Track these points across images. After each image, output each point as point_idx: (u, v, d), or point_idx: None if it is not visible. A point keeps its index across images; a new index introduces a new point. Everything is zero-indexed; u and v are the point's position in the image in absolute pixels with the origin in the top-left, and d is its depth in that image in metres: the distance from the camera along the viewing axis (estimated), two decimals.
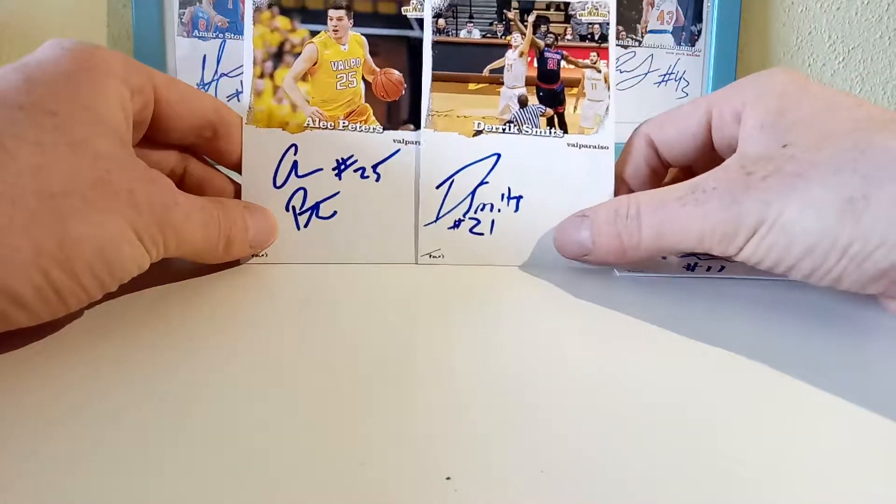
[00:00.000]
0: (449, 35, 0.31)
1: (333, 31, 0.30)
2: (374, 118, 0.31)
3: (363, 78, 0.31)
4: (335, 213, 0.30)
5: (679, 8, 0.62)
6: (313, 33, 0.30)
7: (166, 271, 0.28)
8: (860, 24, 0.68)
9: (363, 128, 0.30)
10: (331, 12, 0.30)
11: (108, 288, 0.22)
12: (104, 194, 0.21)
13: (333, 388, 0.19)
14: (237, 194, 0.30)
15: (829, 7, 0.67)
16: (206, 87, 0.49)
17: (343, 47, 0.30)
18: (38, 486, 0.15)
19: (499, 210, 0.31)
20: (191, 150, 0.29)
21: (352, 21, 0.30)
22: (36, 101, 0.21)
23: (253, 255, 0.30)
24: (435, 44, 0.31)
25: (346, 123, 0.30)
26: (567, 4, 0.31)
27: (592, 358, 0.22)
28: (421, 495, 0.15)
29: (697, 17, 0.62)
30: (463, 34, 0.31)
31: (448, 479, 0.15)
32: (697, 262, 0.31)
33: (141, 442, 0.16)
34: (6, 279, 0.19)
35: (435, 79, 0.30)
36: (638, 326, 0.25)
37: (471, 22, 0.31)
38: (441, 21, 0.30)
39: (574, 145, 0.31)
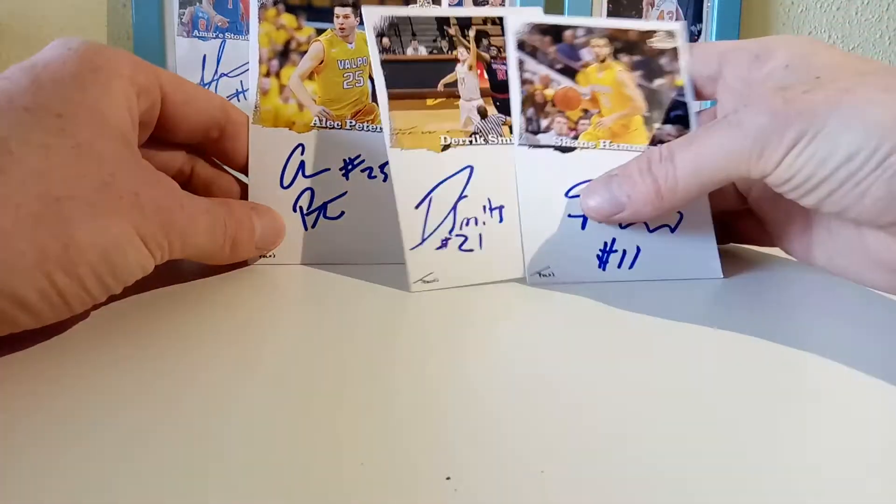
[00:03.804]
0: (395, 52, 0.29)
1: (340, 29, 0.30)
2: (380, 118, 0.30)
3: (370, 77, 0.30)
4: (343, 213, 0.30)
5: (679, 8, 0.62)
6: (319, 31, 0.30)
7: (173, 272, 0.28)
8: (860, 24, 0.68)
9: (370, 127, 0.30)
10: (337, 10, 0.30)
11: (112, 290, 0.22)
12: (109, 198, 0.21)
13: (335, 387, 0.19)
14: (244, 196, 0.30)
15: (829, 7, 0.67)
16: (207, 87, 0.49)
17: (350, 45, 0.30)
18: (41, 486, 0.15)
19: (484, 223, 0.29)
20: (197, 151, 0.29)
21: (358, 19, 0.30)
22: (42, 103, 0.21)
23: (260, 256, 0.29)
24: (384, 63, 0.29)
25: (353, 123, 0.30)
26: (501, 18, 0.30)
27: (592, 359, 0.22)
28: (421, 495, 0.15)
29: (697, 17, 0.62)
30: (409, 52, 0.30)
31: (448, 479, 0.15)
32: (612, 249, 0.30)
33: (144, 442, 0.16)
34: (10, 283, 0.19)
35: (392, 97, 0.29)
36: (638, 330, 0.25)
37: (415, 39, 0.30)
38: (385, 40, 0.29)
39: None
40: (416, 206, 0.28)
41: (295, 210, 0.30)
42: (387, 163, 0.30)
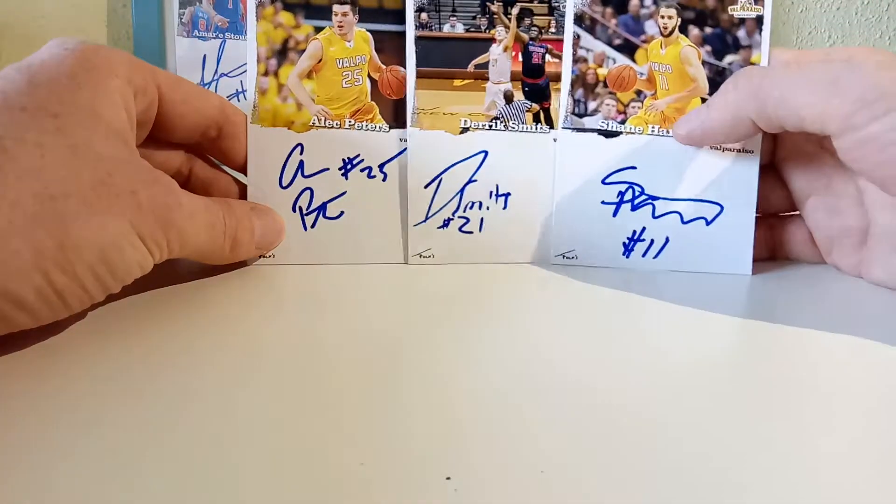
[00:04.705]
0: (432, 29, 0.30)
1: (338, 27, 0.30)
2: (380, 117, 0.30)
3: (369, 75, 0.30)
4: (342, 213, 0.30)
5: None
6: (318, 29, 0.30)
7: (172, 272, 0.28)
8: (860, 24, 0.68)
9: (369, 126, 0.30)
10: (335, 7, 0.30)
11: (110, 289, 0.22)
12: (105, 196, 0.21)
13: (335, 387, 0.19)
14: (242, 196, 0.30)
15: (829, 7, 0.67)
16: (206, 87, 0.49)
17: (348, 44, 0.30)
18: (39, 486, 0.15)
19: (487, 208, 0.30)
20: (196, 151, 0.29)
21: (357, 17, 0.30)
22: (38, 103, 0.21)
23: (260, 256, 0.29)
24: (418, 39, 0.30)
25: (352, 122, 0.30)
26: None
27: (591, 356, 0.22)
28: (421, 495, 0.15)
29: None
30: (446, 28, 0.30)
31: (448, 479, 0.15)
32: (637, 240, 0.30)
33: (142, 442, 0.16)
34: (7, 282, 0.19)
35: (419, 75, 0.30)
36: (634, 323, 0.25)
37: (454, 16, 0.30)
38: (424, 15, 0.30)
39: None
40: (426, 186, 0.30)
41: (294, 210, 0.30)
42: (386, 162, 0.30)
